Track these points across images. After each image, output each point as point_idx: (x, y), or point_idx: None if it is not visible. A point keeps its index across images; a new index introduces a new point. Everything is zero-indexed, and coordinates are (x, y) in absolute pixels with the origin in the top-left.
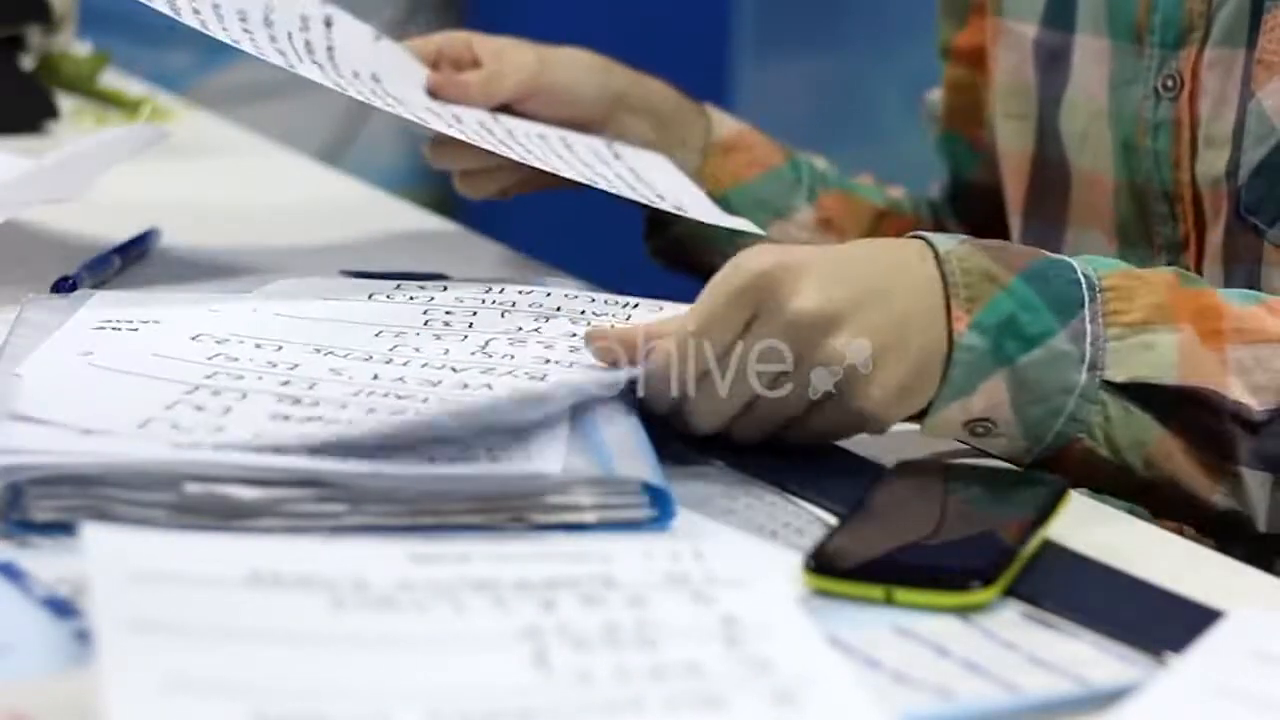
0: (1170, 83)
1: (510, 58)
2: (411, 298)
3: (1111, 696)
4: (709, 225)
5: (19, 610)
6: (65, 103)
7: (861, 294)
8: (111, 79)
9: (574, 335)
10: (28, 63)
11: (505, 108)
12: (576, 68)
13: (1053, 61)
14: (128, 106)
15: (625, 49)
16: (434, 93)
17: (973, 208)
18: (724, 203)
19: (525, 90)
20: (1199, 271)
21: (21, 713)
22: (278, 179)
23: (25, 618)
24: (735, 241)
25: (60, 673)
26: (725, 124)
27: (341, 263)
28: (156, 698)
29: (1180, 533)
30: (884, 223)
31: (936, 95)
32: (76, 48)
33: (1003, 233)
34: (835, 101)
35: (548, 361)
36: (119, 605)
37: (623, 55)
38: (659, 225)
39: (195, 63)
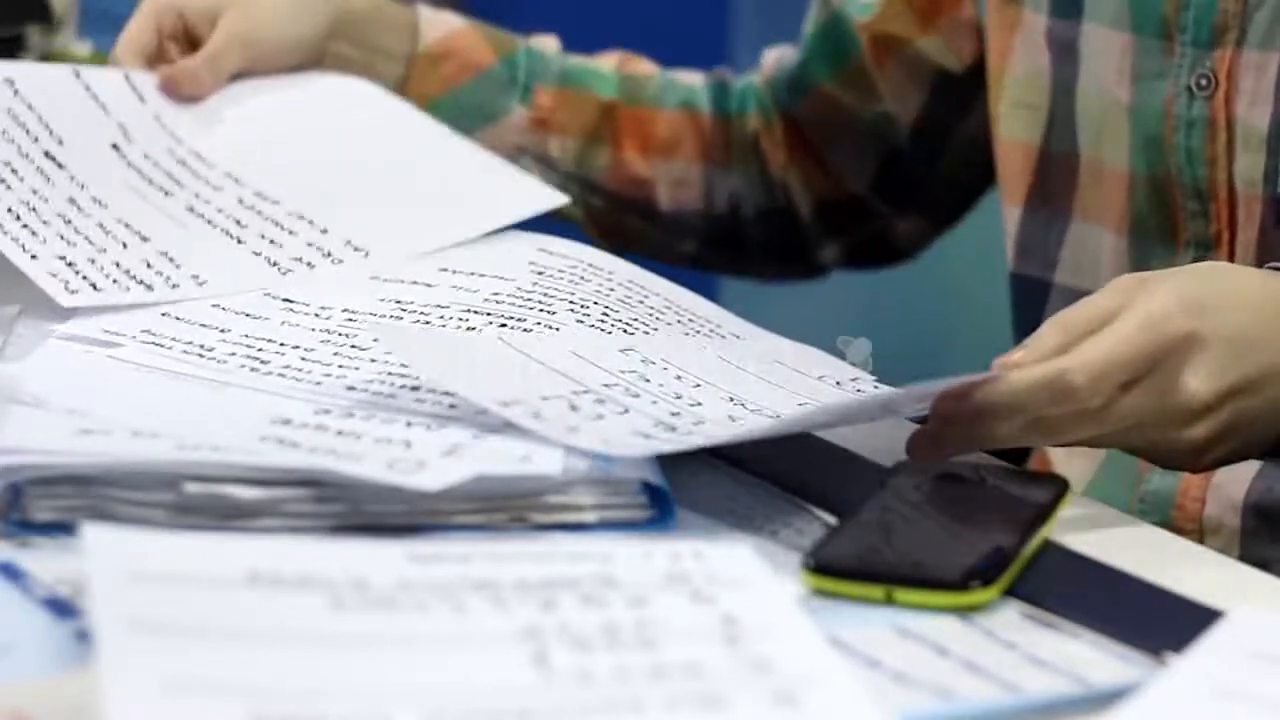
0: (1204, 82)
1: (224, 30)
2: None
3: (1111, 696)
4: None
5: (19, 610)
6: None
7: (1254, 380)
8: None
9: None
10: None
11: None
12: (282, 23)
13: (1064, 51)
14: None
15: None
16: (167, 89)
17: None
18: (432, 112)
19: (243, 66)
20: None
21: (21, 713)
22: None
23: (25, 618)
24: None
25: (60, 673)
26: (435, 29)
27: None
28: (156, 698)
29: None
30: (615, 114)
31: None
32: (76, 48)
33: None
34: None
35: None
36: (119, 605)
37: None
38: None
39: None
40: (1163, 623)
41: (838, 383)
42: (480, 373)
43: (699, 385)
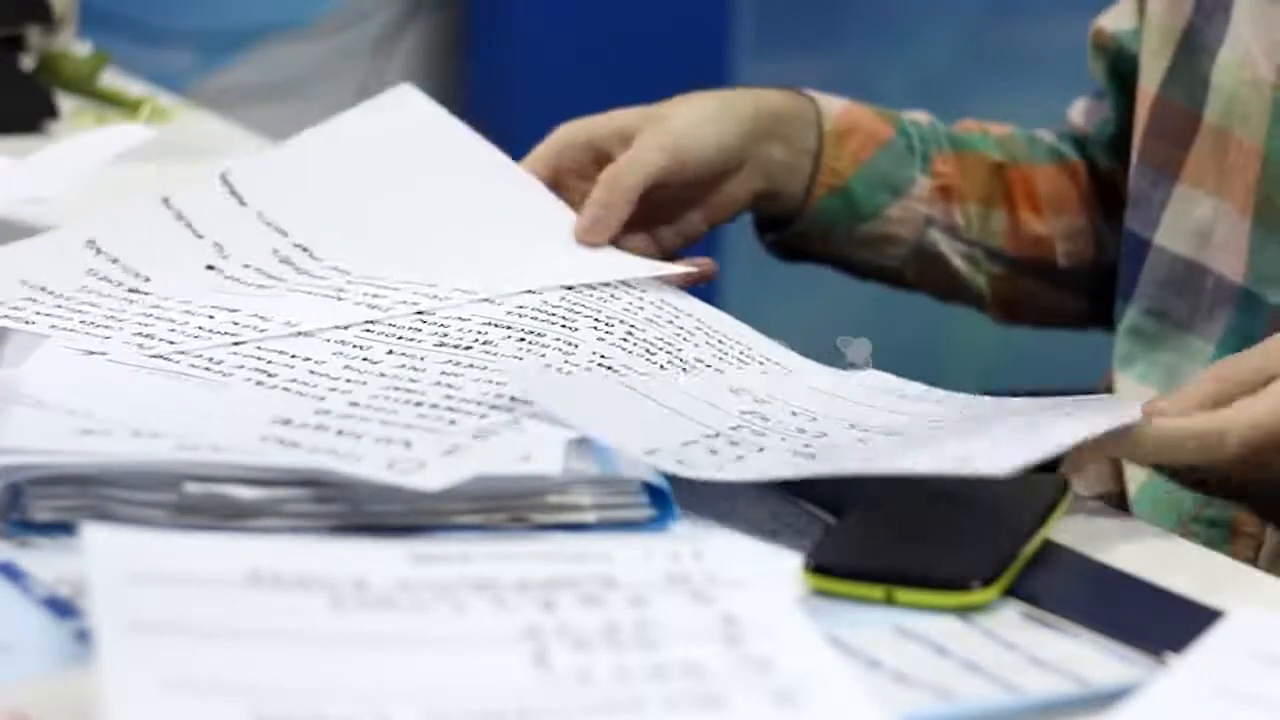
0: None
1: (641, 140)
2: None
3: (1111, 696)
4: (836, 218)
5: (19, 610)
6: (65, 103)
7: None
8: (111, 79)
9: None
10: (28, 63)
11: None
12: (703, 124)
13: (1216, 7)
14: (128, 106)
15: (625, 49)
16: (586, 236)
17: None
18: (847, 191)
19: (665, 173)
20: None
21: (21, 713)
22: None
23: (25, 618)
24: (858, 228)
25: (60, 673)
26: (833, 107)
27: None
28: (156, 698)
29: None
30: (1005, 175)
31: (1106, 20)
32: (76, 48)
33: None
34: None
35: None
36: (119, 605)
37: (623, 55)
38: (775, 221)
39: (195, 63)
40: (1163, 623)
41: (939, 401)
42: (619, 418)
43: (815, 419)
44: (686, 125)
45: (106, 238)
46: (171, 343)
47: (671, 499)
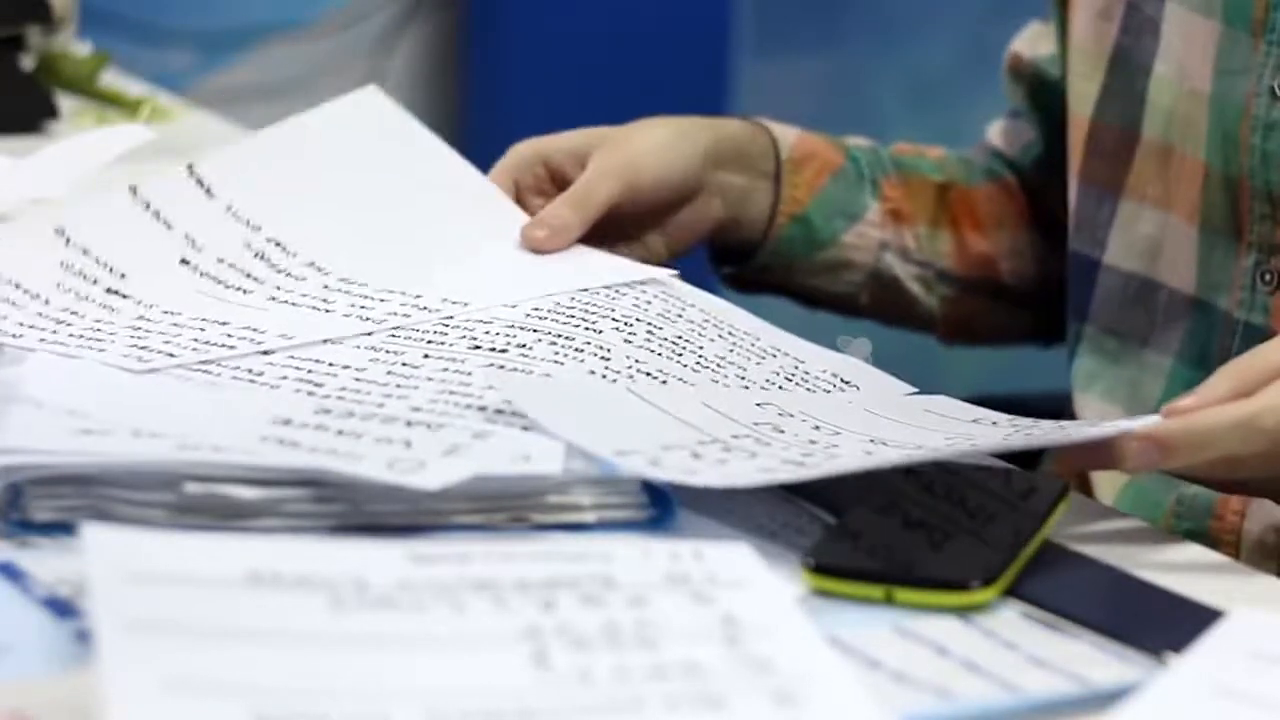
0: None
1: (596, 164)
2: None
3: (1111, 696)
4: (795, 246)
5: (19, 610)
6: (65, 103)
7: None
8: (111, 79)
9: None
10: (28, 63)
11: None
12: (659, 149)
13: (1144, 26)
14: (128, 106)
15: (625, 49)
16: (536, 250)
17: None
18: (806, 220)
19: (621, 197)
20: None
21: (21, 713)
22: None
23: (25, 618)
24: (816, 255)
25: (60, 673)
26: (787, 136)
27: None
28: (156, 698)
29: None
30: (947, 196)
31: (1023, 46)
32: (76, 48)
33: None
34: (835, 101)
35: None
36: (119, 605)
37: (623, 55)
38: (736, 253)
39: (195, 63)
40: (1163, 623)
41: (994, 422)
42: (600, 421)
43: (838, 432)
44: (642, 150)
45: (75, 226)
46: (171, 355)
47: (672, 499)
